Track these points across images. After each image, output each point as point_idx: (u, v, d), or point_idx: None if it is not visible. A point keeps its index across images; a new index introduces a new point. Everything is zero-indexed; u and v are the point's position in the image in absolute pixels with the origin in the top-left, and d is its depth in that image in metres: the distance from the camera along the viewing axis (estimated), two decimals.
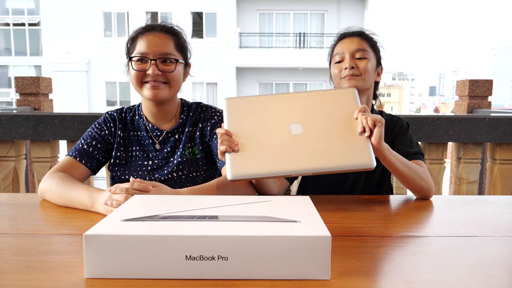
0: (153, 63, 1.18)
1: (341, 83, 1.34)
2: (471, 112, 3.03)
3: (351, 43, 1.33)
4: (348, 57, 1.32)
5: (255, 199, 0.86)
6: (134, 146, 1.30)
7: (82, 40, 14.16)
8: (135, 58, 1.20)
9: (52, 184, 1.11)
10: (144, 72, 1.20)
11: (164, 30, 1.23)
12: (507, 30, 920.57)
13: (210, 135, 1.29)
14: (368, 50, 1.33)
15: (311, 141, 1.01)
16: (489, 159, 2.19)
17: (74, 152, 1.25)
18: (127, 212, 0.74)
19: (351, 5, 14.67)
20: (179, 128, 1.30)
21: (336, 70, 1.35)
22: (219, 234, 0.62)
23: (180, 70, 1.25)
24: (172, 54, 1.21)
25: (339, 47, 1.36)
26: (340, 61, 1.34)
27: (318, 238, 0.62)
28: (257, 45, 14.42)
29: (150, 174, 1.27)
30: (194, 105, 1.35)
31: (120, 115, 1.32)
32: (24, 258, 0.72)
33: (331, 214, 1.01)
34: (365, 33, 1.38)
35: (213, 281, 0.62)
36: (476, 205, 1.15)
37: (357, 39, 1.34)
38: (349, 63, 1.30)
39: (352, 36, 1.36)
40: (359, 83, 1.31)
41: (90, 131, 1.31)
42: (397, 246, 0.79)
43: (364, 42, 1.34)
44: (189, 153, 1.28)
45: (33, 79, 3.10)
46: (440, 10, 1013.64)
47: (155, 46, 1.19)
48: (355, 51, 1.32)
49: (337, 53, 1.35)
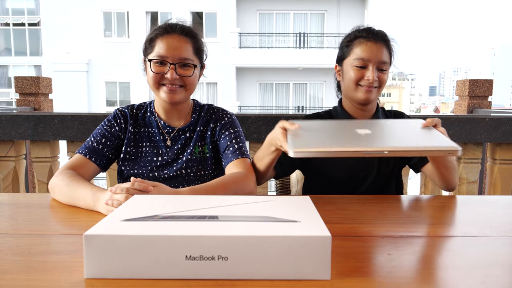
0: (171, 67, 1.19)
1: (357, 91, 1.31)
2: (471, 112, 3.03)
3: (378, 51, 1.28)
4: (372, 68, 1.28)
5: (255, 199, 0.86)
6: (144, 142, 1.31)
7: (82, 40, 14.16)
8: (154, 60, 1.20)
9: (61, 182, 1.13)
10: (162, 75, 1.21)
11: (183, 33, 1.22)
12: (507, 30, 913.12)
13: (218, 135, 1.31)
14: (388, 61, 1.33)
15: (383, 136, 0.98)
16: (489, 159, 2.19)
17: (84, 149, 1.27)
18: (127, 212, 0.74)
19: (351, 5, 14.67)
20: (191, 126, 1.32)
21: (354, 74, 1.30)
22: (219, 234, 0.62)
23: (197, 73, 1.27)
24: (190, 59, 1.22)
25: (363, 50, 1.29)
26: (362, 66, 1.29)
27: (318, 238, 0.62)
28: (257, 45, 14.41)
29: (159, 170, 1.28)
30: (206, 106, 1.37)
31: (132, 111, 1.34)
32: (24, 258, 0.72)
33: (331, 214, 1.01)
34: (389, 40, 1.33)
35: (213, 281, 0.62)
36: (476, 205, 1.15)
37: (382, 47, 1.30)
38: (373, 76, 1.27)
39: (378, 41, 1.30)
40: (374, 95, 1.31)
41: (100, 128, 1.31)
42: (397, 246, 0.79)
43: (388, 53, 1.32)
44: (199, 151, 1.30)
45: (33, 79, 3.10)
46: (440, 10, 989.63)
47: (175, 50, 1.19)
48: (380, 63, 1.29)
49: (360, 57, 1.29)
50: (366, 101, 1.32)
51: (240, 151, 1.27)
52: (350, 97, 1.36)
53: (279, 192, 1.71)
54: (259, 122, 2.00)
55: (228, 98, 14.18)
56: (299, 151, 0.84)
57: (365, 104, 1.35)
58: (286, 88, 15.27)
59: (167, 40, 1.20)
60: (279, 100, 15.29)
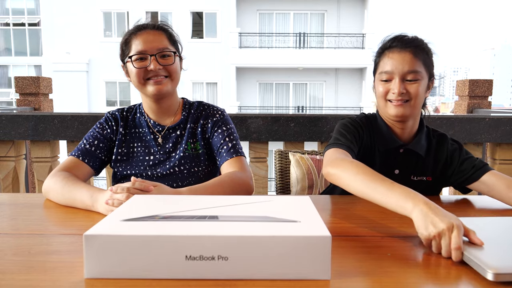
0: (153, 58, 1.22)
1: (387, 107, 1.20)
2: (471, 112, 3.03)
3: (402, 61, 1.15)
4: (398, 81, 1.16)
5: (255, 199, 0.86)
6: (135, 142, 1.32)
7: (82, 40, 14.16)
8: (135, 56, 1.22)
9: (55, 183, 1.12)
10: (145, 69, 1.23)
11: (155, 27, 1.27)
12: (507, 30, 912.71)
13: (211, 132, 1.32)
14: (421, 69, 1.16)
15: None
16: (489, 159, 2.19)
17: (77, 152, 1.27)
18: (127, 212, 0.74)
19: (351, 5, 14.67)
20: (181, 124, 1.33)
21: (381, 89, 1.19)
22: (219, 234, 0.62)
23: (178, 62, 1.29)
24: (168, 48, 1.25)
25: (387, 62, 1.18)
26: (388, 80, 1.18)
27: (318, 238, 0.62)
28: (257, 45, 14.41)
29: (151, 169, 1.28)
30: (196, 103, 1.38)
31: (122, 114, 1.35)
32: (24, 258, 0.72)
33: (331, 214, 1.01)
34: (419, 44, 1.19)
35: (213, 281, 0.62)
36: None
37: (409, 55, 1.15)
38: (399, 89, 1.15)
39: (403, 49, 1.17)
40: (407, 110, 1.17)
41: (92, 131, 1.33)
42: (397, 246, 0.79)
43: (417, 60, 1.16)
44: (191, 148, 1.30)
45: (33, 79, 3.10)
46: (440, 10, 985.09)
47: (152, 42, 1.23)
48: (406, 74, 1.15)
49: (385, 70, 1.18)
50: (398, 117, 1.19)
51: (235, 149, 1.28)
52: (384, 116, 1.26)
53: (279, 192, 1.71)
54: (259, 122, 2.00)
55: (228, 98, 14.18)
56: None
57: (401, 121, 1.22)
58: (286, 88, 15.26)
59: (141, 36, 1.24)
60: (279, 100, 15.29)
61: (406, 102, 1.17)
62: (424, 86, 1.19)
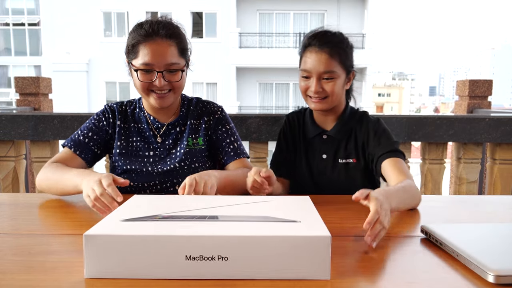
0: (159, 75, 1.17)
1: (308, 101, 1.31)
2: (471, 112, 3.02)
3: (319, 62, 1.24)
4: (315, 80, 1.25)
5: (255, 199, 0.86)
6: (134, 137, 1.32)
7: (82, 40, 14.16)
8: (141, 69, 1.18)
9: (47, 173, 1.16)
10: (150, 82, 1.19)
11: (166, 35, 1.18)
12: (507, 30, 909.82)
13: (214, 129, 1.33)
14: (336, 69, 1.25)
15: None
16: (489, 159, 2.18)
17: (70, 142, 1.28)
18: (127, 212, 0.74)
19: (351, 5, 14.67)
20: (180, 120, 1.33)
21: (302, 84, 1.30)
22: (219, 234, 0.62)
23: (185, 75, 1.25)
24: (176, 63, 1.19)
25: (307, 61, 1.26)
26: (308, 77, 1.27)
27: (318, 238, 0.62)
28: (257, 45, 14.40)
29: (152, 165, 1.28)
30: (195, 99, 1.38)
31: (120, 107, 1.34)
32: (24, 258, 0.72)
33: (331, 214, 1.01)
34: (337, 43, 1.26)
35: (213, 281, 0.62)
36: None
37: (325, 56, 1.23)
38: (315, 88, 1.25)
39: (321, 49, 1.24)
40: (325, 105, 1.28)
41: (88, 122, 1.33)
42: (397, 246, 0.79)
43: (333, 60, 1.24)
44: (193, 143, 1.31)
45: (33, 79, 3.10)
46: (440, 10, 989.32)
47: (160, 57, 1.16)
48: (323, 74, 1.24)
49: (304, 69, 1.27)
50: (320, 111, 1.33)
51: (240, 150, 1.33)
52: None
53: None
54: (259, 122, 2.00)
55: (228, 98, 14.17)
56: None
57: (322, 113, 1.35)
58: (286, 88, 15.26)
59: (150, 46, 1.16)
60: (279, 100, 15.29)
61: (324, 99, 1.27)
62: (341, 82, 1.28)
